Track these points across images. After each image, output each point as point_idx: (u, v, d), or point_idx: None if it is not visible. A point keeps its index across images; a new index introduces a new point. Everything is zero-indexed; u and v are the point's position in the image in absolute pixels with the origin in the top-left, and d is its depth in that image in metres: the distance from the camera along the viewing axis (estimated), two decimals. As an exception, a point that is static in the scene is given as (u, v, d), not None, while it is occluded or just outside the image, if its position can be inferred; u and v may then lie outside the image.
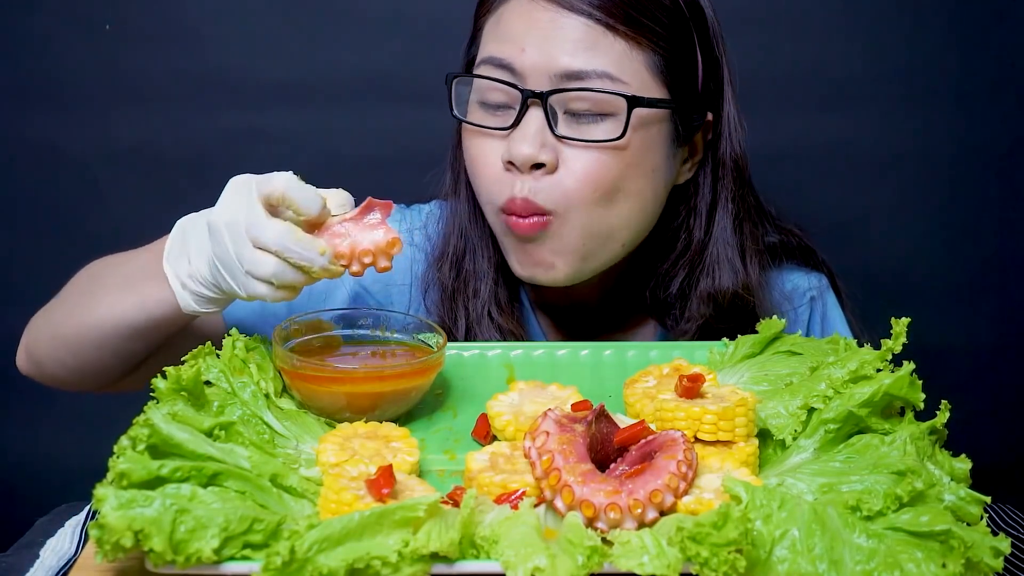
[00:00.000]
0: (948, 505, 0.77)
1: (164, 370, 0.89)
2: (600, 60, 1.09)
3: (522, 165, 1.09)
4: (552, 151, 1.10)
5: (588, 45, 1.09)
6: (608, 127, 1.10)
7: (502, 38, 1.12)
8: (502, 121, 1.12)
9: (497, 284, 1.24)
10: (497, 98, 1.12)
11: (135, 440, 0.77)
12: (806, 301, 1.30)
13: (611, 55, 1.09)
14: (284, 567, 0.67)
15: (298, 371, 0.96)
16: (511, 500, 0.80)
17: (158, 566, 0.70)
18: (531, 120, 1.09)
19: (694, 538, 0.69)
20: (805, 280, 1.32)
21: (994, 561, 0.71)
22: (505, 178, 1.12)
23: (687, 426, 0.88)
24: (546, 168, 1.10)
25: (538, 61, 1.09)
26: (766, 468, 0.89)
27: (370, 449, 0.87)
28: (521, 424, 0.92)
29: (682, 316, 1.23)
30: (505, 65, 1.11)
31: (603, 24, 1.09)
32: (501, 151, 1.12)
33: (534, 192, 1.10)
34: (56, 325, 1.14)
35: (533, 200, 1.10)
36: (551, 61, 1.09)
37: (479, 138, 1.14)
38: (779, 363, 1.02)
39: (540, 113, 1.09)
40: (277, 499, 0.80)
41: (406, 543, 0.70)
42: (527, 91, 1.09)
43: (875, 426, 0.88)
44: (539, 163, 1.09)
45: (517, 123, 1.10)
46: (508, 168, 1.11)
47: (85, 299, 1.12)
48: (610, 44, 1.09)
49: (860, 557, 0.71)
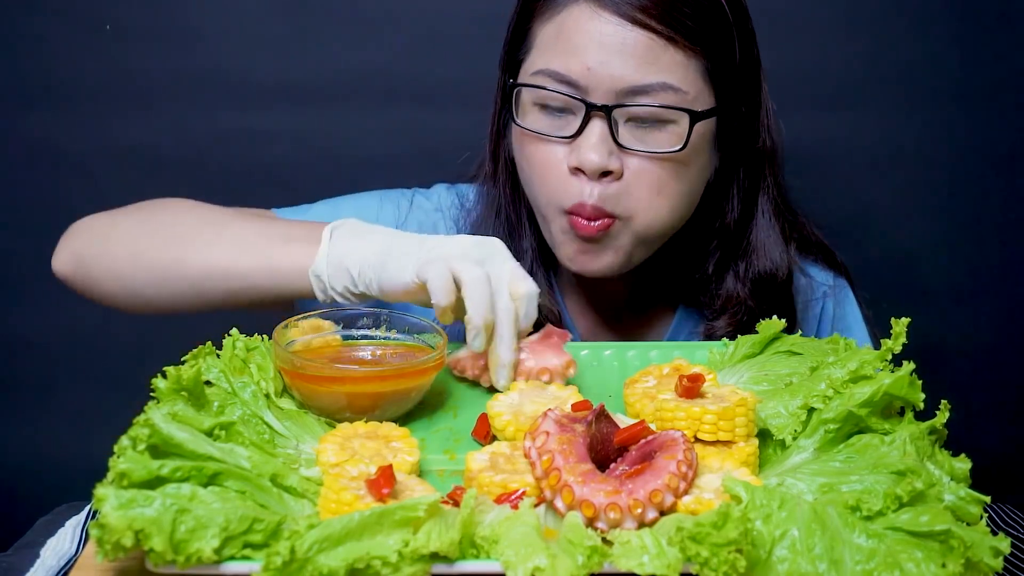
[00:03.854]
0: (948, 505, 0.77)
1: (164, 370, 0.89)
2: (663, 73, 1.12)
3: (591, 173, 1.13)
4: (618, 159, 1.13)
5: (651, 60, 1.11)
6: (667, 136, 1.14)
7: (565, 51, 1.13)
8: (562, 126, 1.15)
9: (535, 265, 1.28)
10: (557, 103, 1.15)
11: (135, 440, 0.77)
12: (819, 296, 1.34)
13: (672, 67, 1.12)
14: (284, 567, 0.67)
15: (298, 371, 0.96)
16: (511, 500, 0.80)
17: (158, 566, 0.70)
18: (594, 130, 1.12)
19: (694, 538, 0.69)
20: (822, 275, 1.36)
21: (994, 561, 0.71)
22: (572, 182, 1.15)
23: (687, 426, 0.88)
24: (613, 175, 1.13)
25: (603, 77, 1.11)
26: (766, 468, 0.89)
27: (370, 449, 0.87)
28: (521, 424, 0.92)
29: (717, 297, 1.27)
30: (570, 81, 1.13)
31: (665, 37, 1.11)
32: (563, 155, 1.15)
33: (603, 199, 1.14)
34: (145, 250, 1.14)
35: (602, 207, 1.14)
36: (616, 79, 1.11)
37: (539, 143, 1.17)
38: (779, 363, 1.02)
39: (602, 123, 1.12)
40: (277, 499, 0.80)
41: (406, 543, 0.70)
42: (591, 104, 1.12)
43: (875, 426, 0.88)
44: (607, 171, 1.13)
45: (580, 132, 1.13)
46: (575, 173, 1.15)
47: (201, 238, 1.13)
48: (671, 56, 1.12)
49: (860, 557, 0.71)
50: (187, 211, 1.18)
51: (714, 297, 1.28)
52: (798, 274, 1.32)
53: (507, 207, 1.29)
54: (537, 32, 1.17)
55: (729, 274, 1.27)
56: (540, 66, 1.15)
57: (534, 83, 1.16)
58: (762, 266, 1.26)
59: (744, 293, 1.25)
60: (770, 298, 1.25)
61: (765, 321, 1.06)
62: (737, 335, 1.09)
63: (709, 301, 1.28)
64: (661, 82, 1.11)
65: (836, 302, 1.35)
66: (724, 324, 1.26)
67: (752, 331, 1.07)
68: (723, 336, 1.23)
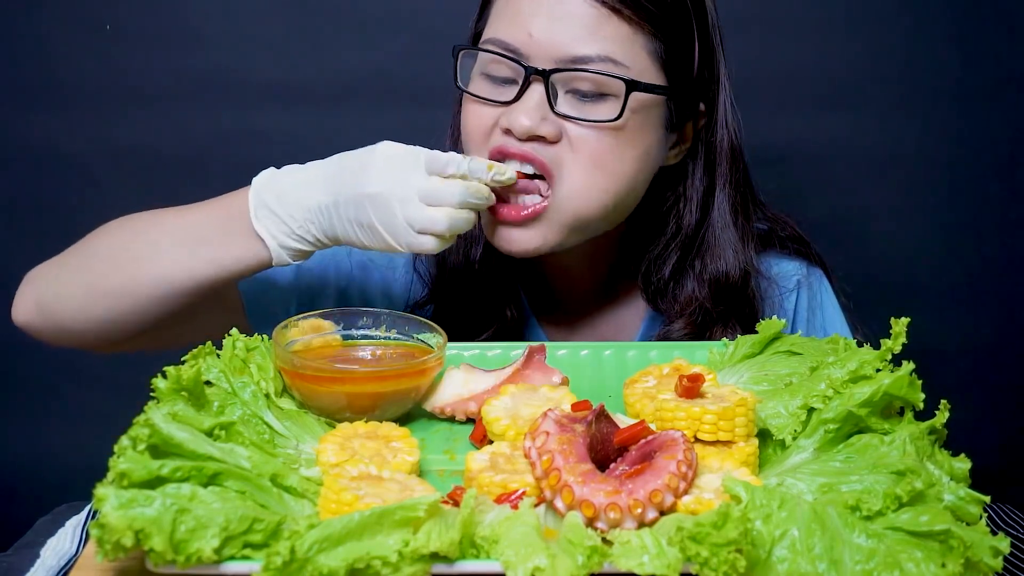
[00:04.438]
0: (948, 505, 0.77)
1: (164, 370, 0.89)
2: (604, 44, 1.11)
3: (520, 135, 1.12)
4: (553, 126, 1.12)
5: (593, 29, 1.11)
6: (607, 108, 1.12)
7: (511, 19, 1.14)
8: (504, 94, 1.14)
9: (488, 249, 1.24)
10: (501, 72, 1.15)
11: (135, 440, 0.77)
12: (792, 286, 1.32)
13: (614, 38, 1.11)
14: (284, 567, 0.67)
15: (298, 371, 0.96)
16: (511, 500, 0.80)
17: (158, 566, 0.70)
18: (532, 95, 1.12)
19: (694, 538, 0.69)
20: (790, 265, 1.33)
21: (993, 561, 0.71)
22: (500, 138, 1.14)
23: (687, 426, 0.88)
24: (546, 140, 1.12)
25: (544, 44, 1.11)
26: (766, 468, 0.89)
27: (370, 449, 0.87)
28: (520, 427, 0.92)
29: (676, 299, 1.25)
30: (512, 48, 1.13)
31: (608, 7, 1.11)
32: (497, 119, 1.14)
33: (535, 149, 1.12)
34: (95, 277, 1.14)
35: (532, 152, 1.12)
36: (557, 46, 1.11)
37: (478, 107, 1.17)
38: (779, 363, 1.02)
39: (541, 89, 1.12)
40: (277, 499, 0.80)
41: (406, 543, 0.70)
42: (530, 68, 1.12)
43: (875, 426, 0.88)
44: (538, 136, 1.12)
45: (519, 97, 1.13)
46: (506, 134, 1.14)
47: (141, 252, 1.13)
48: (614, 27, 1.11)
49: (860, 557, 0.71)
50: (123, 230, 1.18)
51: (673, 300, 1.26)
52: (767, 269, 1.30)
53: None
54: (493, 4, 1.19)
55: (687, 276, 1.25)
56: (488, 35, 1.16)
57: (476, 47, 1.17)
58: (716, 267, 1.24)
59: (703, 295, 1.23)
60: (727, 300, 1.23)
61: (765, 321, 1.06)
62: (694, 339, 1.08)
63: (668, 305, 1.26)
64: (602, 54, 1.11)
65: (811, 292, 1.33)
66: (681, 327, 1.24)
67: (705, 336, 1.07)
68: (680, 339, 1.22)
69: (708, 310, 1.23)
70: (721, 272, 1.23)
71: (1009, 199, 1.90)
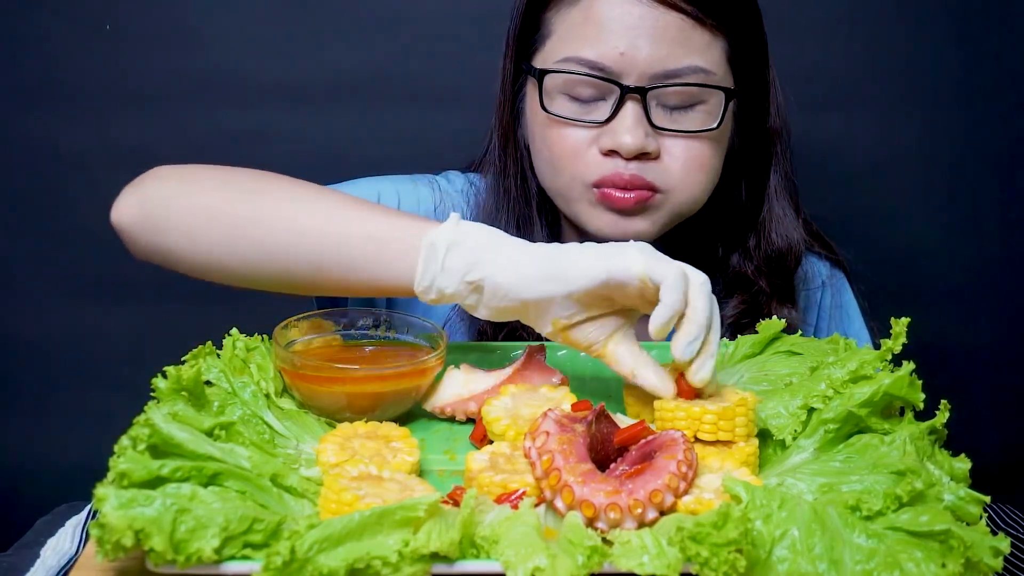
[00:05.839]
0: (948, 505, 0.77)
1: (164, 370, 0.89)
2: (692, 55, 1.14)
3: (628, 154, 1.14)
4: (655, 141, 1.15)
5: (682, 41, 1.13)
6: (699, 115, 1.16)
7: (595, 37, 1.14)
8: (590, 112, 1.16)
9: None
10: (587, 92, 1.15)
11: (135, 440, 0.77)
12: (817, 285, 1.35)
13: (700, 48, 1.14)
14: (284, 567, 0.67)
15: (298, 371, 0.96)
16: (511, 500, 0.80)
17: (158, 565, 0.70)
18: (628, 113, 1.13)
19: (694, 538, 0.69)
20: (817, 265, 1.37)
21: (994, 561, 0.71)
22: (605, 162, 1.16)
23: (687, 426, 0.88)
24: (649, 156, 1.15)
25: (636, 61, 1.12)
26: (766, 468, 0.89)
27: (370, 449, 0.87)
28: (520, 427, 0.92)
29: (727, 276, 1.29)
30: (601, 67, 1.13)
31: (693, 18, 1.13)
32: (592, 139, 1.16)
33: (641, 170, 1.15)
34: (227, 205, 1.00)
35: (642, 176, 1.15)
36: (649, 62, 1.12)
37: (567, 129, 1.17)
38: (779, 363, 1.02)
39: (636, 106, 1.13)
40: (277, 499, 0.80)
41: (406, 543, 0.70)
42: (626, 87, 1.13)
43: (875, 426, 0.88)
44: (643, 152, 1.14)
45: (613, 116, 1.14)
46: (608, 155, 1.15)
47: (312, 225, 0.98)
48: (699, 37, 1.14)
49: (860, 557, 0.71)
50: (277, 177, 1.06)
51: (725, 277, 1.29)
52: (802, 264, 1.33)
53: (518, 198, 1.29)
54: (555, 19, 1.18)
55: (739, 254, 1.29)
56: (567, 53, 1.15)
57: (566, 70, 1.15)
58: (777, 243, 1.28)
59: (754, 273, 1.27)
60: (779, 278, 1.27)
61: (765, 321, 1.07)
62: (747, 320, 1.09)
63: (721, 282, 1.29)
64: (692, 65, 1.14)
65: (834, 292, 1.36)
66: (733, 307, 1.27)
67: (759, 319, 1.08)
68: (732, 321, 1.25)
69: (761, 289, 1.26)
70: (781, 248, 1.27)
71: (1009, 199, 1.89)
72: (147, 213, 1.03)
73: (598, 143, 1.15)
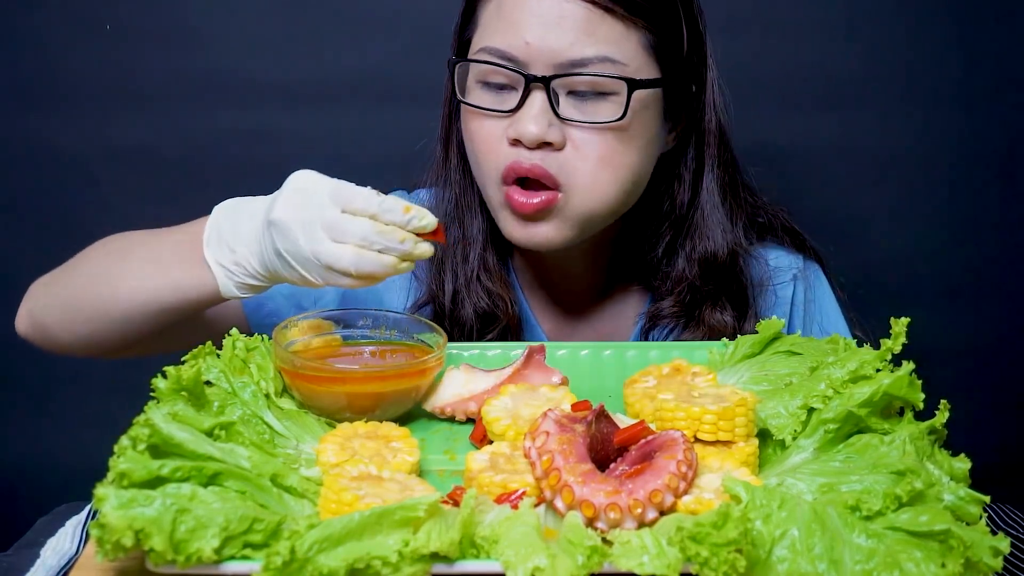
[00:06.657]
0: (947, 505, 0.77)
1: (164, 370, 0.89)
2: (601, 45, 1.12)
3: (529, 143, 1.12)
4: (558, 131, 1.13)
5: (589, 31, 1.11)
6: (609, 107, 1.13)
7: (505, 27, 1.14)
8: (504, 101, 1.15)
9: (486, 250, 1.27)
10: (498, 79, 1.15)
11: (135, 440, 0.77)
12: (788, 279, 1.33)
13: (610, 38, 1.12)
14: (284, 567, 0.67)
15: (298, 371, 0.96)
16: (511, 500, 0.80)
17: (158, 565, 0.70)
18: (534, 102, 1.12)
19: (694, 538, 0.69)
20: (788, 259, 1.34)
21: (993, 561, 0.71)
22: (511, 151, 1.15)
23: (687, 426, 0.88)
24: (553, 147, 1.13)
25: (542, 50, 1.11)
26: (766, 468, 0.89)
27: (370, 449, 0.87)
28: (520, 427, 0.92)
29: (667, 278, 1.27)
30: (509, 56, 1.13)
31: (602, 8, 1.11)
32: (504, 129, 1.15)
33: (544, 162, 1.13)
34: (74, 295, 1.15)
35: (543, 166, 1.13)
36: (555, 51, 1.11)
37: (482, 119, 1.17)
38: (779, 363, 1.02)
39: (543, 95, 1.12)
40: (277, 499, 0.80)
41: (406, 543, 0.70)
42: (530, 76, 1.12)
43: (875, 426, 0.88)
44: (546, 142, 1.12)
45: (520, 105, 1.13)
46: (514, 144, 1.14)
47: (111, 273, 1.13)
48: (609, 27, 1.12)
49: (860, 557, 0.71)
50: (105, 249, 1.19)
51: (664, 279, 1.27)
52: (764, 259, 1.31)
53: (458, 192, 1.28)
54: (482, 13, 1.18)
55: (678, 256, 1.26)
56: (482, 44, 1.16)
57: (474, 59, 1.16)
58: (704, 246, 1.25)
59: (692, 274, 1.25)
60: (716, 279, 1.25)
61: (765, 321, 1.06)
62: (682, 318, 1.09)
63: (660, 283, 1.28)
64: (599, 55, 1.12)
65: (808, 285, 1.34)
66: (670, 304, 1.26)
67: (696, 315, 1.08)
68: (669, 318, 1.25)
69: (697, 288, 1.24)
70: (710, 251, 1.25)
71: (1009, 199, 1.89)
72: (35, 321, 1.20)
73: (507, 133, 1.15)
